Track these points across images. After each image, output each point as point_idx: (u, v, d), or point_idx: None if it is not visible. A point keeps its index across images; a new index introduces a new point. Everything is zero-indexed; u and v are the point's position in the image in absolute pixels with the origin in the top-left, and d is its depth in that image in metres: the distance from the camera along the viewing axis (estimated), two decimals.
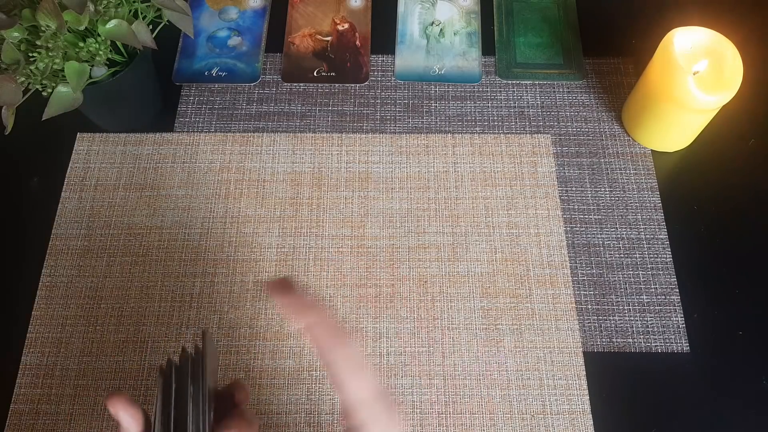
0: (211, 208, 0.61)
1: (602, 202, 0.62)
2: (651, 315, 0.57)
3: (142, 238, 0.60)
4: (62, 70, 0.52)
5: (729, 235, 0.60)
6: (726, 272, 0.58)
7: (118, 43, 0.56)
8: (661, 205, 0.61)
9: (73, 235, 0.60)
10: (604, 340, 0.56)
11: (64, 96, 0.53)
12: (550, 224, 0.60)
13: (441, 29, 0.71)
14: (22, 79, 0.51)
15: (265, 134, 0.65)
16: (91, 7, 0.52)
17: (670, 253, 0.59)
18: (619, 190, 0.62)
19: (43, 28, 0.50)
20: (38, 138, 0.64)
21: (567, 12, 0.72)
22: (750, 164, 0.63)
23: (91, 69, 0.55)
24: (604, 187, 0.62)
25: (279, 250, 0.59)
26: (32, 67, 0.51)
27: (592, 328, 0.56)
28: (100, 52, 0.53)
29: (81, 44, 0.53)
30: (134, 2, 0.56)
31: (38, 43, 0.50)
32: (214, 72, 0.68)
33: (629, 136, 0.65)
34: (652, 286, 0.58)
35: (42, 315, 0.56)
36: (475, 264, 0.59)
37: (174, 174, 0.63)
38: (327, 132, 0.65)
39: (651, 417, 0.53)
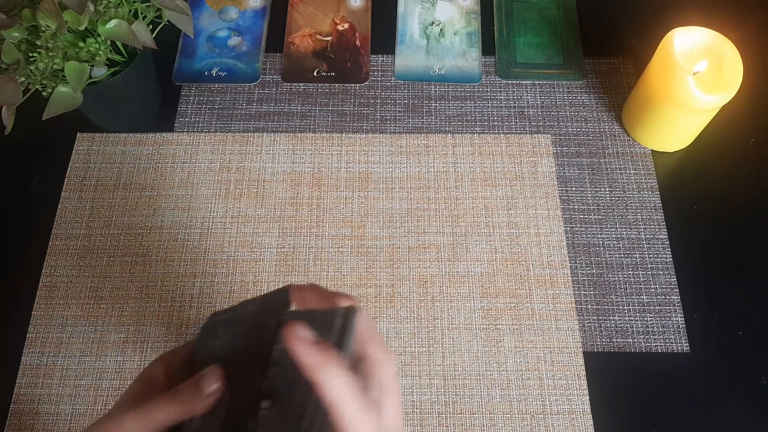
0: (211, 208, 0.61)
1: (602, 202, 0.62)
2: (651, 315, 0.57)
3: (142, 238, 0.60)
4: (62, 70, 0.52)
5: (729, 235, 0.60)
6: (726, 272, 0.58)
7: (118, 43, 0.56)
8: (661, 205, 0.61)
9: (73, 235, 0.60)
10: (604, 340, 0.56)
11: (64, 96, 0.53)
12: (550, 224, 0.60)
13: (441, 29, 0.71)
14: (22, 79, 0.51)
15: (265, 134, 0.65)
16: (91, 7, 0.52)
17: (670, 253, 0.59)
18: (619, 190, 0.62)
19: (43, 28, 0.50)
20: (38, 138, 0.64)
21: (567, 12, 0.72)
22: (750, 164, 0.63)
23: (91, 69, 0.55)
24: (604, 187, 0.62)
25: (279, 250, 0.59)
26: (32, 67, 0.51)
27: (592, 328, 0.56)
28: (100, 52, 0.53)
29: (81, 44, 0.53)
30: (134, 2, 0.56)
31: (38, 43, 0.50)
32: (214, 72, 0.68)
33: (629, 136, 0.65)
34: (652, 286, 0.58)
35: (42, 315, 0.56)
36: (475, 264, 0.59)
37: (174, 174, 0.63)
38: (327, 132, 0.65)
39: (651, 417, 0.53)
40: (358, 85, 0.68)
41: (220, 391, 0.30)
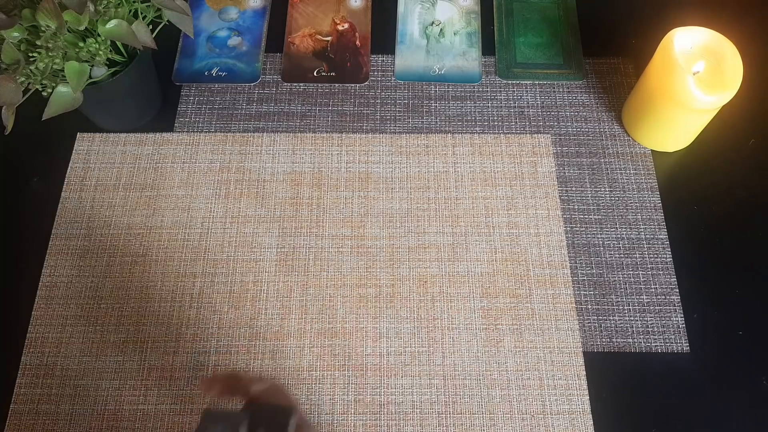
0: (211, 208, 0.61)
1: (602, 202, 0.62)
2: (651, 315, 0.57)
3: (142, 238, 0.60)
4: (62, 70, 0.52)
5: (729, 235, 0.60)
6: (726, 272, 0.58)
7: (118, 43, 0.56)
8: (661, 205, 0.61)
9: (73, 235, 0.60)
10: (604, 340, 0.56)
11: (64, 96, 0.53)
12: (550, 224, 0.60)
13: (441, 29, 0.71)
14: (22, 79, 0.51)
15: (265, 134, 0.65)
16: (91, 7, 0.52)
17: (670, 253, 0.59)
18: (619, 190, 0.62)
19: (43, 28, 0.50)
20: (38, 138, 0.64)
21: (567, 12, 0.72)
22: (750, 164, 0.63)
23: (91, 69, 0.55)
24: (604, 187, 0.62)
25: (279, 250, 0.59)
26: (32, 67, 0.51)
27: (592, 328, 0.56)
28: (100, 52, 0.53)
29: (81, 44, 0.53)
30: (134, 2, 0.56)
31: (38, 43, 0.50)
32: (214, 72, 0.68)
33: (629, 136, 0.65)
34: (652, 286, 0.58)
35: (42, 315, 0.56)
36: (475, 264, 0.59)
37: (174, 174, 0.63)
38: (327, 132, 0.65)
39: (651, 417, 0.53)
40: (358, 85, 0.68)
41: None
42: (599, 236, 0.60)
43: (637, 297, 0.57)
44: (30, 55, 0.51)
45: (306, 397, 0.53)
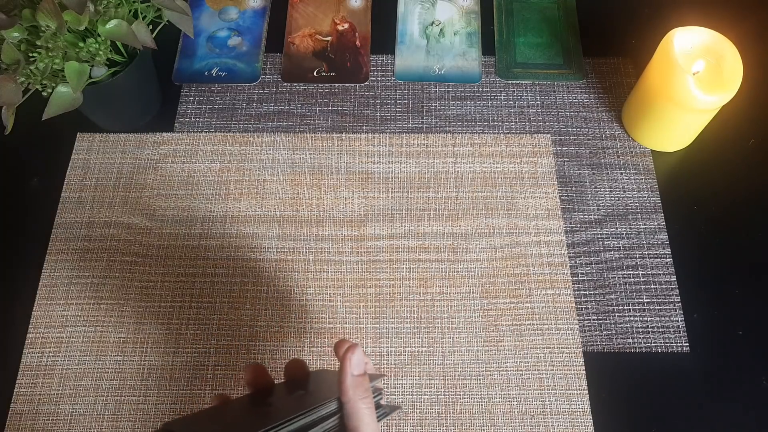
0: (211, 208, 0.61)
1: (602, 202, 0.62)
2: (651, 315, 0.57)
3: (142, 238, 0.60)
4: (62, 70, 0.52)
5: (729, 235, 0.60)
6: (726, 272, 0.58)
7: (118, 43, 0.56)
8: (661, 205, 0.61)
9: (73, 235, 0.60)
10: (604, 340, 0.56)
11: (64, 96, 0.53)
12: (550, 224, 0.60)
13: (441, 29, 0.71)
14: (22, 79, 0.51)
15: (265, 134, 0.65)
16: (91, 7, 0.52)
17: (670, 253, 0.59)
18: (619, 190, 0.62)
19: (43, 28, 0.50)
20: (38, 138, 0.64)
21: (567, 12, 0.72)
22: (750, 164, 0.63)
23: (91, 69, 0.55)
24: (604, 187, 0.62)
25: (279, 250, 0.59)
26: (32, 67, 0.51)
27: (592, 328, 0.56)
28: (100, 52, 0.53)
29: (81, 44, 0.53)
30: (134, 2, 0.56)
31: (38, 43, 0.50)
32: (214, 72, 0.68)
33: (629, 136, 0.65)
34: (652, 286, 0.58)
35: (42, 315, 0.56)
36: (475, 264, 0.59)
37: (174, 174, 0.63)
38: (327, 132, 0.65)
39: (651, 417, 0.53)
40: (358, 85, 0.68)
41: None
42: (599, 236, 0.60)
43: (637, 297, 0.57)
44: (30, 55, 0.51)
45: None
